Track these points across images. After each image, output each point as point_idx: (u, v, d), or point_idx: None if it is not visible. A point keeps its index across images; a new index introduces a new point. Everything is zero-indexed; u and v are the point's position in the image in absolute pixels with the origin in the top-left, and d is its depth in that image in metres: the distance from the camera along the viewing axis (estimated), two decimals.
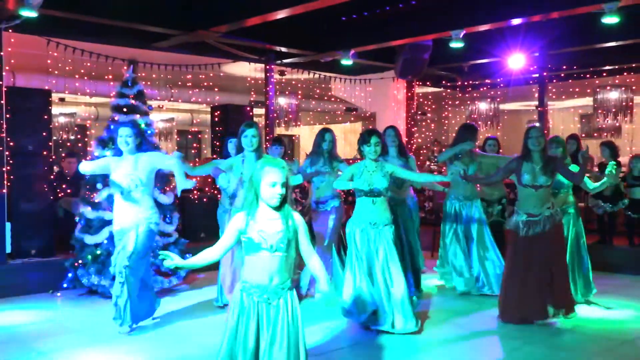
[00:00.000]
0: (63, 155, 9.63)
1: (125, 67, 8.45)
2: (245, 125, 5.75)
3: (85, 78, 9.60)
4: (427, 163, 13.27)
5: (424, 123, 15.41)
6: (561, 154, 6.38)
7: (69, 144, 14.15)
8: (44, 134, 7.69)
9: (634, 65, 10.60)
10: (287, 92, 12.86)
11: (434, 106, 15.72)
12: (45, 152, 7.68)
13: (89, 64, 9.01)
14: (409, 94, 12.09)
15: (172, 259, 3.24)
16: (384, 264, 5.46)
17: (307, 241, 3.40)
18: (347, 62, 9.55)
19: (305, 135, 19.67)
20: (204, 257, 3.34)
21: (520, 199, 5.78)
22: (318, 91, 13.66)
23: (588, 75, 11.23)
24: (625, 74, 11.01)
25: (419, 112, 13.96)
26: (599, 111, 11.57)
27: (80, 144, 14.04)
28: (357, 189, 5.54)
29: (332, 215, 6.72)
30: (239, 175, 5.75)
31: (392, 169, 5.63)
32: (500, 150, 7.95)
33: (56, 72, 8.91)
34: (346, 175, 5.64)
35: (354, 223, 5.59)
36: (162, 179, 7.29)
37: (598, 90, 11.60)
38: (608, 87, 11.47)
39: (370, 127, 5.93)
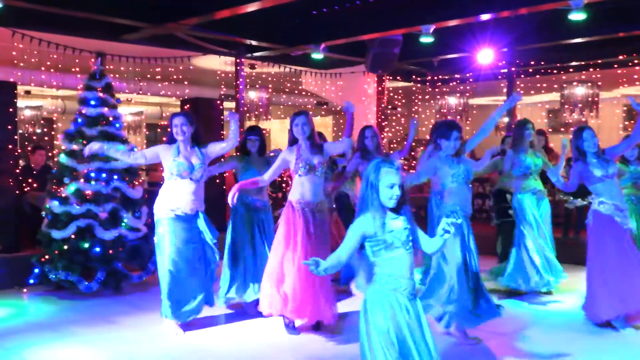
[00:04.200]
0: (29, 148, 9.47)
1: (92, 60, 8.34)
2: (294, 114, 5.53)
3: (52, 70, 9.44)
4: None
5: (394, 117, 15.49)
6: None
7: (35, 137, 13.91)
8: (9, 127, 7.56)
9: (599, 61, 10.79)
10: (257, 86, 12.80)
11: (404, 101, 15.79)
12: (10, 146, 7.56)
13: (55, 56, 8.86)
14: (380, 89, 12.14)
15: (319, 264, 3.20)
16: (473, 257, 5.21)
17: (423, 234, 3.42)
18: (317, 56, 9.55)
19: (276, 129, 19.60)
20: (335, 262, 3.26)
21: (601, 193, 5.53)
22: (289, 85, 13.63)
23: (555, 71, 11.39)
24: (591, 70, 11.20)
25: (389, 107, 14.02)
26: (566, 106, 11.73)
27: (46, 138, 13.79)
28: (452, 181, 5.18)
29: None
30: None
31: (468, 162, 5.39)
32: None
33: (22, 64, 8.75)
34: (431, 170, 5.27)
35: (451, 213, 5.12)
36: (131, 173, 7.22)
37: (565, 85, 11.76)
38: (574, 83, 11.62)
39: (448, 119, 5.65)
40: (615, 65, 10.86)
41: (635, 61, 10.32)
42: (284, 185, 10.33)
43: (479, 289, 5.20)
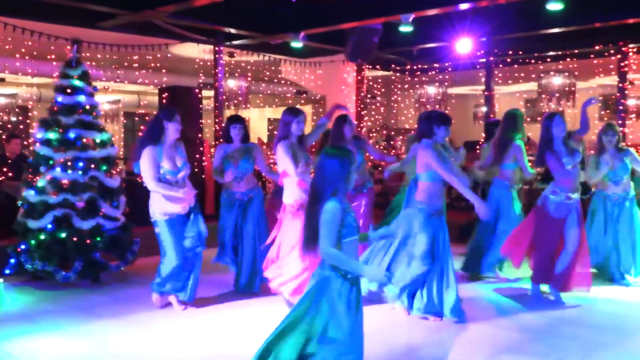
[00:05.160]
0: (4, 137, 9.33)
1: (69, 47, 8.22)
2: (294, 111, 5.75)
3: (27, 58, 9.33)
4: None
5: (373, 106, 15.52)
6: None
7: (9, 126, 13.71)
8: None
9: (576, 51, 10.91)
10: (236, 74, 12.74)
11: (383, 90, 15.84)
12: None
13: (30, 43, 8.73)
14: (359, 77, 12.15)
15: None
16: (444, 250, 5.32)
17: None
18: (297, 44, 9.53)
19: (255, 118, 19.54)
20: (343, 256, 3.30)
21: (559, 181, 5.79)
22: (268, 73, 13.59)
23: (533, 61, 11.49)
24: (568, 59, 11.32)
25: (369, 96, 14.04)
26: (543, 96, 11.84)
27: (22, 126, 13.58)
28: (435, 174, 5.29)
29: (367, 197, 6.76)
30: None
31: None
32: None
33: None
34: (432, 157, 5.28)
35: (420, 210, 5.31)
36: (109, 162, 7.15)
37: (542, 75, 11.87)
38: (552, 73, 11.74)
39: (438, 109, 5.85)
40: (592, 55, 10.97)
41: (611, 51, 10.44)
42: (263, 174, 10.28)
43: (445, 285, 5.32)
